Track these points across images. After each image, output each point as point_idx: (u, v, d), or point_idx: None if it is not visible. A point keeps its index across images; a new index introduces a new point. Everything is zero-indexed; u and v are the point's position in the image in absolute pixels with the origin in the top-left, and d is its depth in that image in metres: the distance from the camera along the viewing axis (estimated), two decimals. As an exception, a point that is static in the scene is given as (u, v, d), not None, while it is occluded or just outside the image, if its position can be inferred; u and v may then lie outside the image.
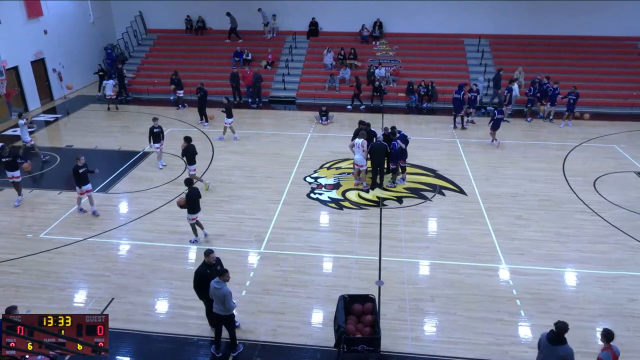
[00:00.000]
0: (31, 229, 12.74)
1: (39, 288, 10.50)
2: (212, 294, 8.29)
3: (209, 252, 8.76)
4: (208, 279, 8.43)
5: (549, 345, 7.03)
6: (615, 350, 7.07)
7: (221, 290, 8.14)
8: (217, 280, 8.21)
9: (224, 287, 8.17)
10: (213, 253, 8.79)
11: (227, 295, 8.16)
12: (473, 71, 24.22)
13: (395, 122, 18.48)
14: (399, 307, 9.93)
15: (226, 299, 8.16)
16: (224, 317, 8.46)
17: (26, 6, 21.72)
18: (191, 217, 11.71)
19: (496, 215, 13.31)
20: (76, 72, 25.50)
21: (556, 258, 11.53)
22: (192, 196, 11.52)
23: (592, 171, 15.97)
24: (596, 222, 13.03)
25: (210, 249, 8.92)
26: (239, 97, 23.45)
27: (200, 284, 8.71)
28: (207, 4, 26.87)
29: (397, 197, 14.40)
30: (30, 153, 16.62)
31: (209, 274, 8.55)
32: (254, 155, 17.22)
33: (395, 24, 26.54)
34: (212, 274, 8.46)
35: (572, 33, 25.37)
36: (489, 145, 18.12)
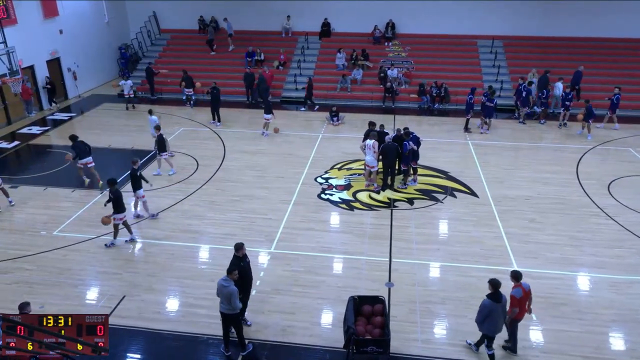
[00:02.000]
0: (45, 226, 12.89)
1: (52, 285, 10.62)
2: (219, 291, 8.34)
3: (240, 246, 8.96)
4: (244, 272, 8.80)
5: (495, 303, 8.03)
6: (525, 287, 8.39)
7: (228, 289, 8.19)
8: (225, 278, 8.26)
9: (231, 285, 8.22)
10: (244, 246, 9.02)
11: (234, 294, 8.21)
12: (486, 72, 24.04)
13: (407, 123, 18.38)
14: (409, 309, 9.88)
15: (232, 298, 8.21)
16: (230, 316, 8.49)
17: (42, 6, 22.02)
18: (119, 217, 11.77)
19: (509, 218, 13.19)
20: (91, 72, 25.79)
21: (570, 262, 11.39)
22: (117, 196, 11.61)
23: (607, 174, 15.75)
24: (611, 226, 12.85)
25: (241, 242, 9.08)
26: (252, 97, 23.49)
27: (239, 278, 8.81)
28: (220, 3, 27.01)
29: (408, 199, 14.34)
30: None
31: (242, 266, 8.82)
32: (266, 155, 17.26)
33: (408, 24, 26.45)
34: (245, 266, 8.82)
35: (588, 34, 25.08)
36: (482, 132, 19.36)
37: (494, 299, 8.05)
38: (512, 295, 8.35)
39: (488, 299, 8.09)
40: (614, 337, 9.25)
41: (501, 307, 8.12)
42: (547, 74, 21.64)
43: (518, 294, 8.32)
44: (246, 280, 9.04)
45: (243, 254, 8.99)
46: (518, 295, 8.32)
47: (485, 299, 8.13)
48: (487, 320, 8.17)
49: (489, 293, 8.12)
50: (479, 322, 8.31)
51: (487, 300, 8.10)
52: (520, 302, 8.35)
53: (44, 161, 16.88)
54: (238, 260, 8.94)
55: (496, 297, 8.06)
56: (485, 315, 8.13)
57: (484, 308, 8.13)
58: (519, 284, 8.41)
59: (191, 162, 16.67)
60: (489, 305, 8.06)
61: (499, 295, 8.07)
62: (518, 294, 8.33)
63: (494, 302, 8.04)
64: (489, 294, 8.11)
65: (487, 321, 8.18)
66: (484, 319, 8.19)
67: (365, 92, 23.76)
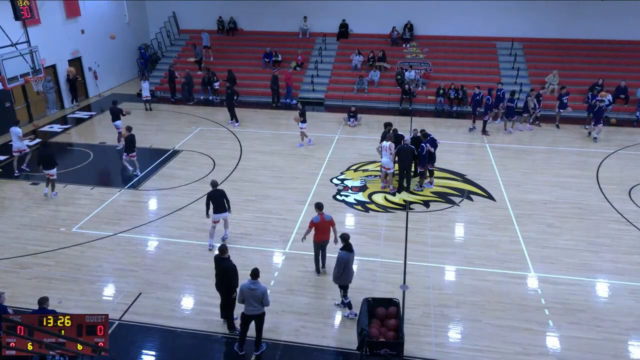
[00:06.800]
0: (64, 222, 13.11)
1: (70, 280, 10.80)
2: (246, 296, 8.30)
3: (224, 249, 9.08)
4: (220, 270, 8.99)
5: (349, 253, 9.09)
6: (325, 217, 10.35)
7: (259, 290, 8.25)
8: (253, 281, 8.27)
9: (259, 286, 8.27)
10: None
11: (265, 292, 8.31)
12: (505, 75, 23.77)
13: (425, 125, 18.26)
14: (423, 312, 9.81)
15: (265, 297, 8.30)
16: (259, 316, 8.54)
17: (65, 6, 22.42)
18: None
19: (526, 222, 13.02)
20: (111, 71, 26.18)
21: (588, 268, 11.21)
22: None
23: (628, 179, 15.45)
24: (631, 232, 12.61)
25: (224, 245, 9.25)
26: (277, 99, 23.50)
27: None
28: (239, 4, 27.17)
29: (424, 201, 14.25)
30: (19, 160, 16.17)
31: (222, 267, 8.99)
32: (282, 156, 17.31)
33: (426, 26, 26.28)
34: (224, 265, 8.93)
35: (609, 37, 24.60)
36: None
37: (348, 249, 9.06)
38: (311, 221, 10.34)
39: (343, 251, 9.01)
40: (633, 345, 9.07)
41: (352, 257, 9.18)
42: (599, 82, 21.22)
43: (316, 220, 10.28)
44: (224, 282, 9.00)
45: (228, 256, 9.00)
46: (316, 220, 10.27)
47: (340, 252, 9.05)
48: (344, 272, 9.10)
49: (342, 246, 9.08)
50: (337, 277, 9.26)
51: (343, 252, 9.03)
52: (317, 226, 10.30)
53: (64, 158, 17.15)
54: (220, 263, 8.99)
55: (349, 247, 9.08)
56: (343, 267, 9.05)
57: (341, 260, 9.03)
58: (321, 213, 10.32)
59: (208, 162, 16.79)
60: (345, 256, 9.01)
61: (350, 246, 9.10)
62: (316, 219, 10.28)
63: (348, 252, 9.05)
64: (342, 247, 9.08)
65: (344, 272, 9.12)
66: (342, 272, 9.13)
67: (382, 94, 23.68)
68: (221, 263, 8.92)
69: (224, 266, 8.88)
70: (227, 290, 8.95)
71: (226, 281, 8.88)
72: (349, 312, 9.61)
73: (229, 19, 27.81)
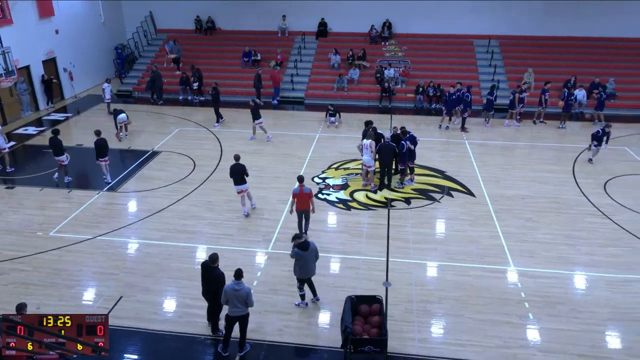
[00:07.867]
0: (41, 227, 12.85)
1: (48, 286, 10.59)
2: (230, 297, 8.28)
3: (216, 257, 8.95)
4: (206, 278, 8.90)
5: (303, 251, 9.32)
6: (305, 189, 11.57)
7: (242, 291, 8.23)
8: (236, 282, 8.24)
9: (243, 286, 8.25)
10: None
11: (250, 293, 8.30)
12: (482, 72, 24.09)
13: (404, 122, 18.36)
14: (406, 308, 9.90)
15: (249, 297, 8.29)
16: (243, 317, 8.52)
17: (38, 6, 21.93)
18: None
19: (506, 217, 13.23)
20: (87, 72, 25.70)
21: (566, 261, 11.44)
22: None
23: (603, 173, 15.82)
24: (606, 225, 12.90)
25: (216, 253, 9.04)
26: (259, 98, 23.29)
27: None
28: (217, 3, 26.98)
29: (405, 198, 14.36)
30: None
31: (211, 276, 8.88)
32: (263, 156, 17.24)
33: (405, 24, 26.46)
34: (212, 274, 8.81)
35: (583, 34, 25.15)
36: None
37: (302, 248, 9.33)
38: (293, 192, 11.63)
39: (298, 249, 9.35)
40: (610, 335, 9.29)
41: (310, 254, 9.41)
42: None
43: (296, 191, 11.55)
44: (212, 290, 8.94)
45: (217, 265, 8.88)
46: (295, 191, 11.55)
47: (295, 249, 9.38)
48: (301, 266, 9.47)
49: (299, 244, 9.35)
50: (294, 270, 9.65)
51: (297, 250, 9.37)
52: (296, 196, 11.55)
53: (41, 161, 16.81)
54: (208, 271, 8.89)
55: (303, 246, 9.34)
56: (301, 262, 9.44)
57: (296, 256, 9.43)
58: (301, 185, 11.53)
59: (188, 163, 16.64)
60: (299, 252, 9.34)
61: (306, 244, 9.37)
62: (296, 190, 11.55)
63: (302, 250, 9.33)
64: (299, 244, 9.35)
65: (301, 267, 9.48)
66: (297, 266, 9.54)
67: (362, 92, 23.78)
68: (210, 272, 8.80)
69: (212, 275, 8.77)
70: (214, 297, 8.85)
71: (214, 289, 8.76)
72: (299, 301, 9.96)
73: (207, 18, 27.58)
